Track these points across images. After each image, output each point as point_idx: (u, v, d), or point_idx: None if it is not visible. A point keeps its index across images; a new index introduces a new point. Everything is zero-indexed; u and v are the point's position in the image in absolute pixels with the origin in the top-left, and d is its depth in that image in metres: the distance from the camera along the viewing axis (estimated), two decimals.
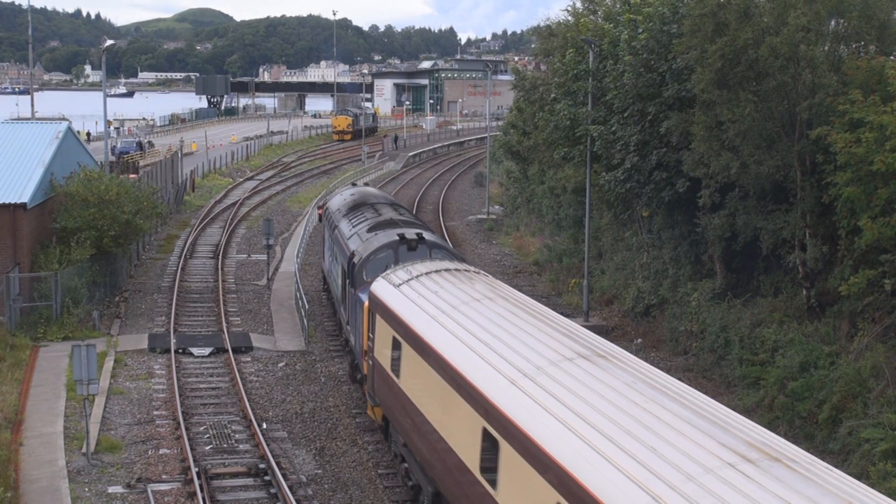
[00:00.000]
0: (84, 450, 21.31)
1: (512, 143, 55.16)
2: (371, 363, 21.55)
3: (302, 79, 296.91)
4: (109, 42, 47.24)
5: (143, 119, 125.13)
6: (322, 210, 38.01)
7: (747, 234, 26.93)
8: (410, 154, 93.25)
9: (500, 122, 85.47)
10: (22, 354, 27.40)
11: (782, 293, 26.78)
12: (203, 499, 19.12)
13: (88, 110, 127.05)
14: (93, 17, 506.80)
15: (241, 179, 73.35)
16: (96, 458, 21.15)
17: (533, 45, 64.83)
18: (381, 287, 20.37)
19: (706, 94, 25.65)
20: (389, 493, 20.08)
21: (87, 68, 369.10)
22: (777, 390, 23.47)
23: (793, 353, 23.65)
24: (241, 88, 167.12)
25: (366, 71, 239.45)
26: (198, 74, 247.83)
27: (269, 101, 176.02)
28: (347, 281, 25.54)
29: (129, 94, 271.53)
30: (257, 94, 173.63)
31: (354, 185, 41.65)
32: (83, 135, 72.27)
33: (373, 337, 21.14)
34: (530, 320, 16.00)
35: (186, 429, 22.94)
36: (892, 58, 24.76)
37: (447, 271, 19.97)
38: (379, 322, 20.28)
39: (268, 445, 21.95)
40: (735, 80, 25.16)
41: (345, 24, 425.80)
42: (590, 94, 32.96)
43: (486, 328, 15.84)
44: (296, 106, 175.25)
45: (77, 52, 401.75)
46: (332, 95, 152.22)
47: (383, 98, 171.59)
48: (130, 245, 37.85)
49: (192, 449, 21.65)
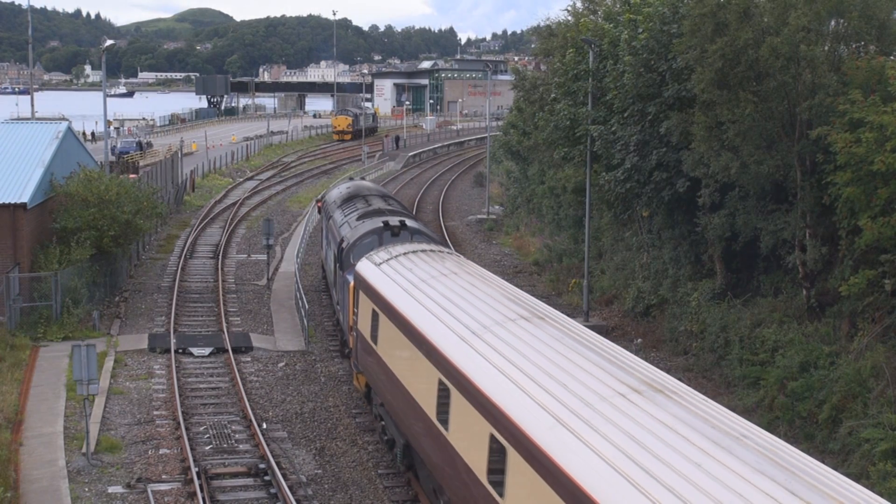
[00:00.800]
0: (84, 450, 21.31)
1: (512, 143, 55.19)
2: (355, 335, 23.71)
3: (302, 79, 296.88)
4: (109, 42, 47.25)
5: (143, 119, 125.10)
6: (321, 203, 39.68)
7: (747, 234, 26.93)
8: (410, 154, 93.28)
9: (500, 122, 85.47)
10: (22, 354, 27.40)
11: (782, 293, 26.78)
12: (203, 499, 19.12)
13: (88, 110, 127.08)
14: (93, 17, 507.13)
15: (241, 179, 73.35)
16: (96, 458, 21.15)
17: (533, 45, 64.82)
18: (364, 266, 22.43)
19: (706, 95, 25.64)
20: (389, 493, 20.09)
21: (87, 68, 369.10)
22: (777, 390, 23.48)
23: (793, 353, 23.65)
24: (241, 88, 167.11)
25: (366, 71, 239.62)
26: (198, 74, 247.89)
27: (269, 101, 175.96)
28: (337, 264, 27.52)
29: (129, 94, 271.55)
30: (257, 94, 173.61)
31: (351, 180, 43.23)
32: (83, 135, 72.32)
33: (357, 311, 23.26)
34: (486, 290, 18.22)
35: (186, 429, 22.94)
36: (892, 58, 24.75)
37: (423, 252, 22.16)
38: (361, 297, 22.47)
39: (268, 445, 21.96)
40: (735, 80, 25.16)
41: (345, 24, 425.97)
42: (590, 94, 32.96)
43: (447, 297, 17.96)
44: (296, 106, 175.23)
45: (77, 52, 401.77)
46: (332, 95, 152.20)
47: (383, 98, 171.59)
48: (130, 245, 37.84)
49: (192, 449, 21.65)
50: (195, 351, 29.39)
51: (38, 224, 31.61)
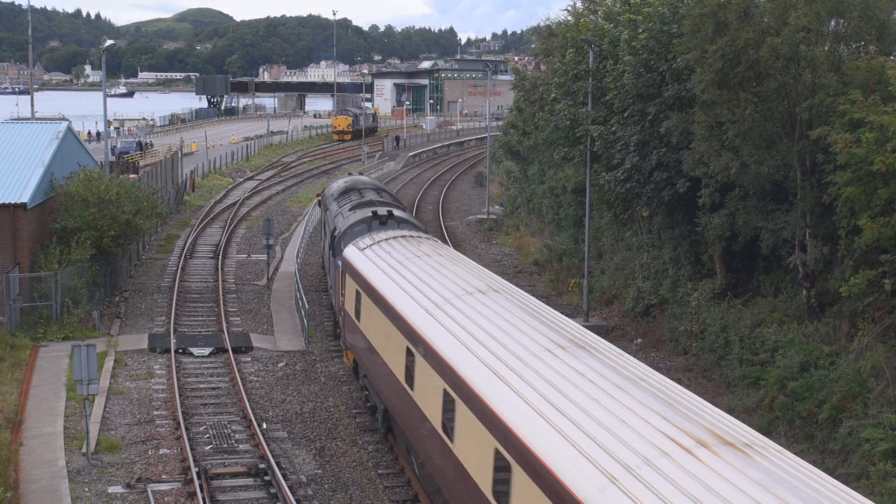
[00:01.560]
0: (84, 450, 21.31)
1: (512, 143, 55.18)
2: (343, 315, 25.88)
3: (302, 79, 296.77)
4: (109, 42, 47.26)
5: (143, 119, 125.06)
6: (321, 197, 41.36)
7: (747, 234, 26.93)
8: (410, 154, 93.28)
9: (500, 122, 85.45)
10: (22, 354, 27.40)
11: (782, 293, 26.77)
12: (203, 499, 19.12)
13: (88, 110, 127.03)
14: (93, 17, 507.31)
15: (241, 179, 73.34)
16: (96, 458, 21.15)
17: (533, 45, 64.79)
18: (351, 251, 24.59)
19: (706, 95, 25.64)
20: (389, 493, 20.09)
21: (87, 68, 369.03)
22: (777, 390, 23.47)
23: (793, 353, 23.65)
24: (241, 88, 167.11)
25: (366, 71, 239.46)
26: (198, 74, 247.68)
27: (269, 101, 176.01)
28: (330, 251, 29.97)
29: (129, 94, 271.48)
30: (257, 94, 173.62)
31: (350, 175, 44.54)
32: (83, 135, 72.28)
33: (344, 293, 25.39)
34: (452, 268, 20.47)
35: (186, 429, 22.94)
36: (892, 58, 24.75)
37: (403, 237, 24.34)
38: (348, 280, 24.64)
39: (268, 445, 21.96)
40: (735, 80, 25.15)
41: (345, 24, 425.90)
42: (590, 94, 32.96)
43: (417, 275, 20.17)
44: (296, 106, 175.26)
45: (77, 52, 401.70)
46: (332, 95, 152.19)
47: (383, 98, 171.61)
48: (130, 245, 37.85)
49: (192, 449, 21.65)
50: (195, 351, 29.39)
51: (38, 224, 31.61)
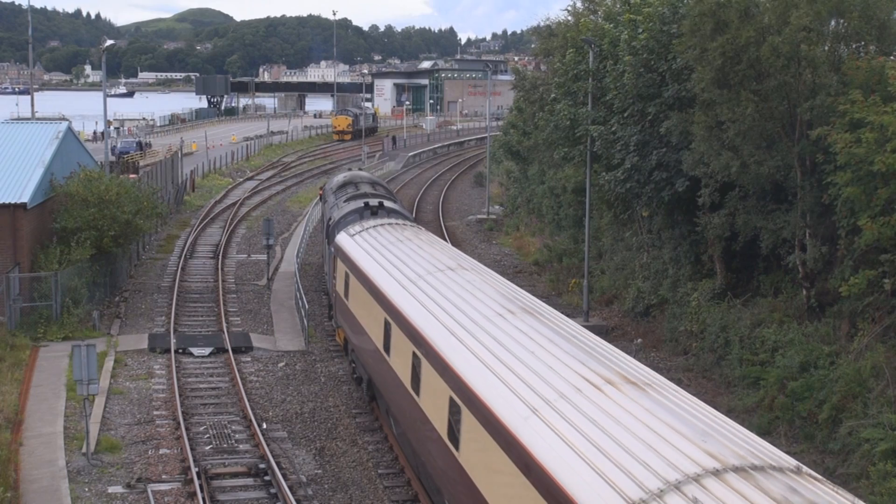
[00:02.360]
0: (84, 450, 21.31)
1: (512, 143, 55.18)
2: (334, 296, 28.46)
3: (302, 79, 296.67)
4: (109, 42, 47.22)
5: (143, 119, 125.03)
6: (322, 191, 43.09)
7: (747, 234, 26.93)
8: (410, 154, 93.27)
9: (500, 122, 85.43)
10: (22, 354, 27.40)
11: (782, 293, 26.77)
12: (203, 499, 19.12)
13: (88, 110, 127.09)
14: (93, 17, 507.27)
15: (241, 179, 73.33)
16: (96, 458, 21.15)
17: (533, 45, 64.76)
18: (342, 238, 27.08)
19: (707, 94, 25.64)
20: (389, 493, 20.09)
21: (87, 68, 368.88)
22: (777, 390, 23.47)
23: (793, 353, 23.65)
24: (241, 88, 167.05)
25: (366, 71, 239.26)
26: (198, 74, 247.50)
27: (269, 101, 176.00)
28: (326, 240, 32.17)
29: (129, 94, 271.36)
30: (257, 94, 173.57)
31: (350, 170, 45.75)
32: (83, 135, 72.23)
33: (336, 276, 27.79)
34: (429, 250, 22.75)
35: (186, 429, 22.94)
36: (892, 58, 24.75)
37: (390, 225, 26.70)
38: (339, 263, 27.08)
39: (268, 445, 21.96)
40: (736, 79, 25.15)
41: (345, 24, 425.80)
42: (590, 94, 32.96)
43: (397, 256, 22.47)
44: (296, 106, 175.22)
45: (77, 52, 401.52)
46: (332, 95, 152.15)
47: (383, 98, 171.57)
48: (130, 245, 37.85)
49: (192, 449, 21.65)
50: (195, 351, 29.39)
51: (38, 224, 31.61)
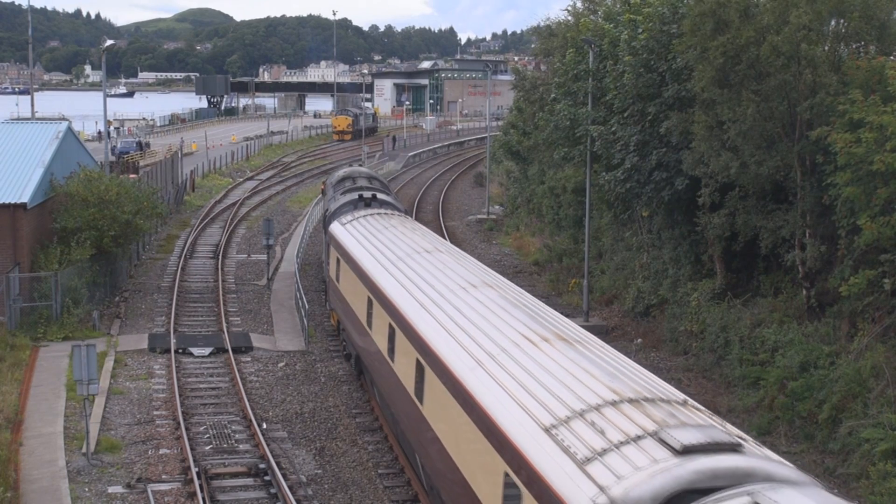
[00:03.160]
0: (84, 450, 21.31)
1: (512, 143, 55.17)
2: (328, 280, 30.95)
3: (302, 79, 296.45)
4: (109, 42, 47.21)
5: (143, 119, 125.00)
6: (324, 185, 45.41)
7: (747, 234, 26.93)
8: (410, 154, 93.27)
9: (500, 122, 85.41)
10: (22, 354, 27.40)
11: (782, 293, 26.77)
12: (203, 499, 19.12)
13: (88, 110, 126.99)
14: (93, 17, 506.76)
15: (241, 179, 73.32)
16: (96, 458, 21.15)
17: (533, 45, 64.81)
18: (335, 226, 29.19)
19: (707, 93, 25.65)
20: (389, 493, 20.09)
21: (87, 68, 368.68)
22: (777, 390, 23.47)
23: (793, 353, 23.65)
24: (241, 88, 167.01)
25: (366, 71, 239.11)
26: (198, 74, 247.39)
27: (269, 101, 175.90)
28: (324, 230, 34.14)
29: (130, 94, 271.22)
30: (257, 94, 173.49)
31: (350, 166, 48.30)
32: (83, 135, 72.20)
33: (329, 261, 30.14)
34: (412, 236, 24.77)
35: (186, 429, 22.94)
36: (892, 58, 24.75)
37: (379, 214, 28.83)
38: (332, 250, 29.34)
39: (268, 445, 21.96)
40: (736, 78, 25.17)
41: (345, 24, 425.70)
42: (590, 94, 32.97)
43: (382, 241, 24.54)
44: (296, 106, 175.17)
45: (77, 52, 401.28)
46: (332, 95, 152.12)
47: (383, 98, 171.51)
48: (130, 245, 37.85)
49: (192, 449, 21.65)
50: (195, 351, 29.39)
51: (38, 224, 31.61)
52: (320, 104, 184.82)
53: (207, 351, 29.45)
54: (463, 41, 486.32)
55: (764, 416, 23.23)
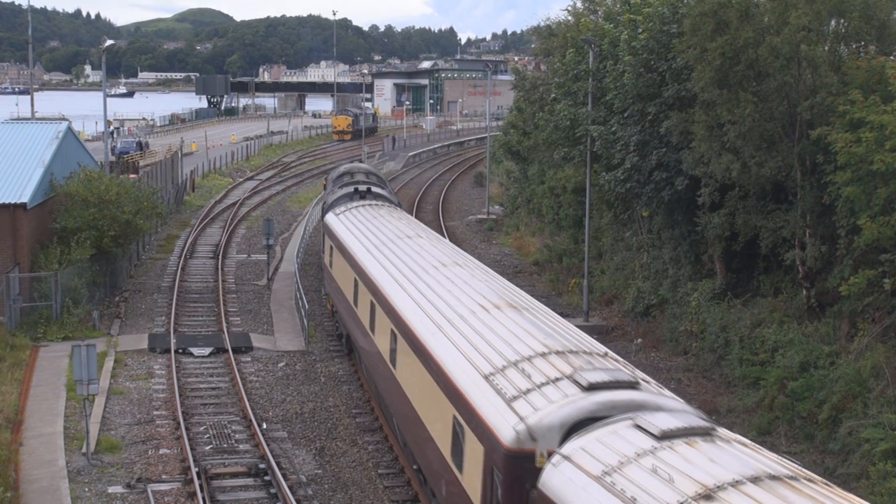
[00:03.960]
0: (84, 450, 21.31)
1: (512, 143, 55.14)
2: (324, 267, 33.22)
3: (302, 79, 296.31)
4: (109, 42, 47.19)
5: (143, 119, 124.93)
6: (325, 180, 47.10)
7: (747, 234, 26.93)
8: (410, 154, 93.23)
9: (500, 122, 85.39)
10: (22, 354, 27.40)
11: (782, 293, 26.77)
12: (203, 499, 19.13)
13: (88, 110, 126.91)
14: (93, 17, 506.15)
15: (241, 179, 73.30)
16: (96, 458, 21.15)
17: (533, 45, 64.72)
18: (330, 216, 31.46)
19: (706, 94, 25.64)
20: (389, 493, 20.09)
21: (87, 68, 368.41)
22: (777, 390, 23.48)
23: (793, 353, 23.65)
24: (241, 88, 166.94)
25: (366, 71, 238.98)
26: (198, 74, 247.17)
27: (269, 101, 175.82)
28: (322, 222, 36.16)
29: (129, 94, 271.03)
30: (257, 94, 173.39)
31: (351, 162, 49.98)
32: (84, 135, 72.15)
33: (325, 249, 32.30)
34: (397, 224, 27.19)
35: (186, 429, 22.95)
36: (892, 58, 24.75)
37: (371, 206, 31.16)
38: (326, 239, 31.79)
39: (268, 445, 21.96)
40: (735, 79, 25.15)
41: (345, 24, 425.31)
42: (590, 94, 32.96)
43: (369, 229, 26.92)
44: (296, 106, 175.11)
45: (77, 52, 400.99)
46: (332, 95, 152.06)
47: (383, 98, 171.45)
48: (130, 245, 37.84)
49: (192, 449, 21.66)
50: (195, 351, 29.39)
51: (38, 224, 31.61)
52: (320, 104, 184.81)
53: (207, 351, 29.45)
54: (463, 41, 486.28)
55: (764, 416, 23.23)
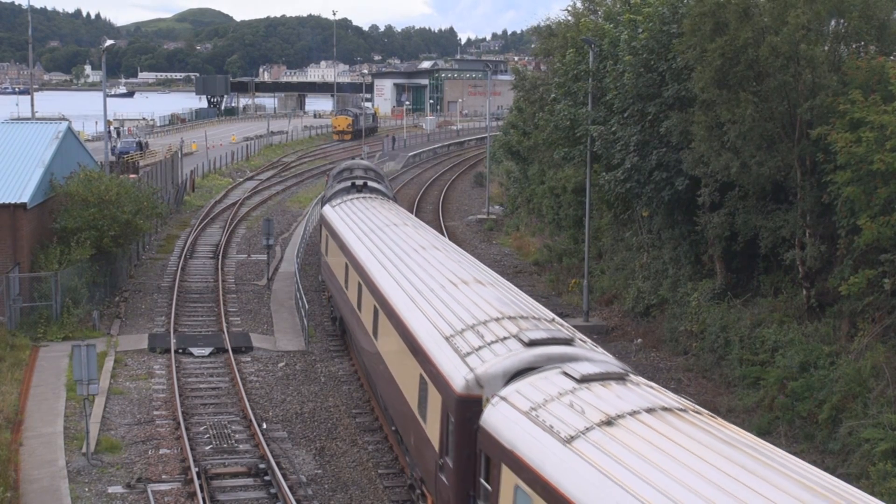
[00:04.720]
0: (84, 450, 21.32)
1: (512, 143, 55.14)
2: (320, 257, 35.33)
3: (302, 79, 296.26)
4: (109, 42, 47.21)
5: (143, 119, 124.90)
6: (327, 176, 49.50)
7: (747, 234, 26.93)
8: (410, 154, 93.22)
9: (500, 122, 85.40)
10: (22, 354, 27.40)
11: (782, 293, 26.77)
12: (203, 499, 19.13)
13: (88, 110, 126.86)
14: (93, 17, 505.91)
15: (241, 179, 73.29)
16: (96, 458, 21.16)
17: (533, 45, 64.71)
18: (326, 208, 33.65)
19: (706, 94, 25.63)
20: (389, 493, 20.09)
21: (87, 68, 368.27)
22: (777, 390, 23.47)
23: (793, 353, 23.65)
24: (241, 88, 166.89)
25: (366, 71, 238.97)
26: (198, 74, 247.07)
27: (269, 101, 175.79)
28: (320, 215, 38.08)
29: (130, 94, 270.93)
30: (257, 94, 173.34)
31: (352, 159, 50.19)
32: (84, 135, 72.13)
33: (322, 240, 34.47)
34: (387, 214, 29.04)
35: (186, 429, 22.95)
36: (892, 58, 24.75)
37: (365, 199, 32.89)
38: (322, 229, 34.14)
39: (268, 445, 21.96)
40: (735, 79, 25.15)
41: (345, 24, 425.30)
42: (590, 94, 32.96)
43: (361, 219, 28.75)
44: (296, 106, 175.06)
45: (77, 52, 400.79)
46: (332, 95, 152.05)
47: (383, 98, 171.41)
48: (130, 245, 37.85)
49: (192, 449, 21.66)
50: (195, 351, 29.39)
51: (38, 224, 31.61)
52: (320, 104, 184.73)
53: (207, 351, 29.45)
54: (463, 41, 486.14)
55: (764, 416, 23.23)
